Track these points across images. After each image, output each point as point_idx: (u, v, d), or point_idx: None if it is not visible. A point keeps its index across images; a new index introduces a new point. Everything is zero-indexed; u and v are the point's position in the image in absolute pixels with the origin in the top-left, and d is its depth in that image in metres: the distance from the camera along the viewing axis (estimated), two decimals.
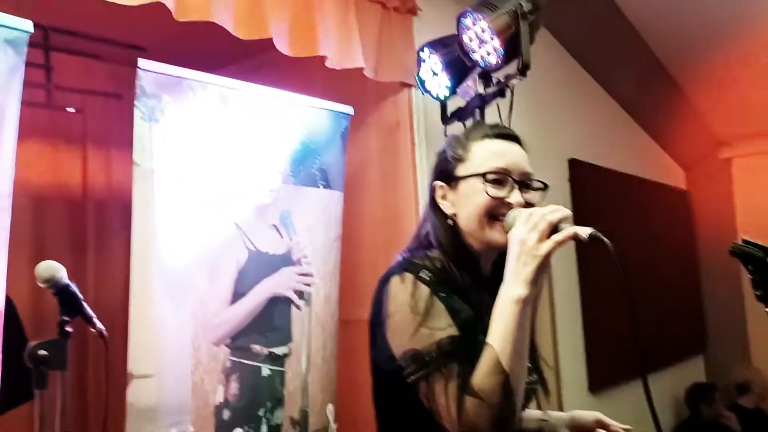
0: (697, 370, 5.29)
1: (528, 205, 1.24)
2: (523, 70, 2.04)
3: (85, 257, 2.88)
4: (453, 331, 1.12)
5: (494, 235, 1.23)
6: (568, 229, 1.12)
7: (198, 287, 2.07)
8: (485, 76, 2.21)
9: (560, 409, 3.47)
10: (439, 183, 1.31)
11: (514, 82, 2.14)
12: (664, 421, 4.66)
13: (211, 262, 2.11)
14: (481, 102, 2.22)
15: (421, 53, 2.44)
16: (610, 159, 4.45)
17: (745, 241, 0.98)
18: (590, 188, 4.13)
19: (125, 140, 2.85)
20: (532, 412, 1.42)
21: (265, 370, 2.24)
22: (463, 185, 1.26)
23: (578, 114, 4.26)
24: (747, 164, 5.61)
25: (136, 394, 1.89)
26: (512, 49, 2.04)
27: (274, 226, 2.30)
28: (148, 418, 1.92)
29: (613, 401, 3.92)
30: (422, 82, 2.45)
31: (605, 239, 1.08)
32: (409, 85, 2.59)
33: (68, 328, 1.25)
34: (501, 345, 1.08)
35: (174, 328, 2.00)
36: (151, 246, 1.97)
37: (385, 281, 1.22)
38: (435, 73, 2.39)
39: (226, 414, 2.12)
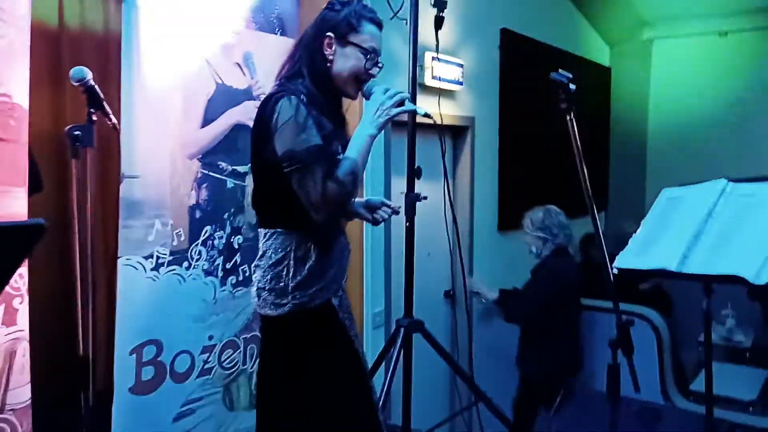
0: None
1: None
2: None
3: (63, 88, 3.22)
4: (319, 140, 1.63)
5: (351, 90, 1.80)
6: (411, 106, 1.76)
7: (175, 110, 2.51)
8: None
9: (471, 245, 4.15)
10: (330, 34, 1.78)
11: None
12: None
13: (186, 90, 2.54)
14: None
15: None
16: (541, 32, 4.89)
17: (559, 72, 1.50)
18: (519, 58, 4.60)
19: None
20: None
21: (230, 183, 2.75)
22: (348, 48, 1.77)
23: None
24: (666, 46, 6.16)
25: (128, 190, 2.38)
26: None
27: (238, 64, 2.72)
28: (137, 210, 2.43)
29: (518, 240, 4.64)
30: None
31: (431, 116, 1.80)
32: None
33: (94, 118, 1.70)
34: (357, 157, 1.68)
35: (156, 141, 2.47)
36: (136, 72, 2.38)
37: (275, 101, 1.67)
38: None
39: (198, 214, 2.64)
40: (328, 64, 1.77)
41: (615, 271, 2.01)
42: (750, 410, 3.80)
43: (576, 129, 1.55)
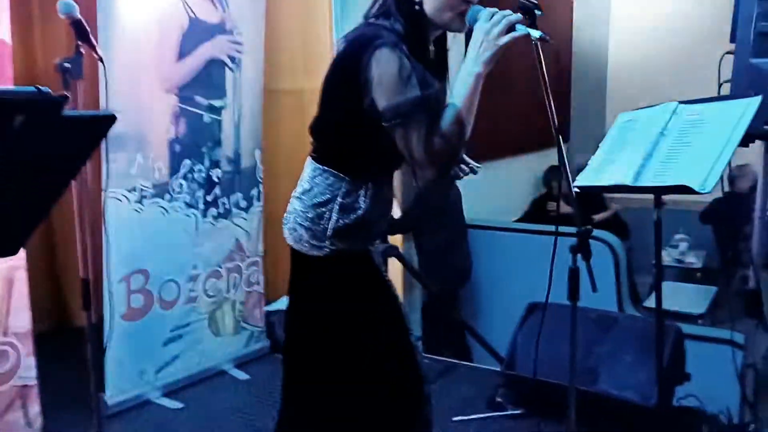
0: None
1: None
2: None
3: (32, 31, 3.20)
4: (420, 92, 1.43)
5: (455, 24, 1.52)
6: (523, 29, 1.43)
7: (151, 43, 2.56)
8: None
9: None
10: None
11: None
12: (526, 195, 5.70)
13: (161, 25, 2.58)
14: None
15: None
16: None
17: None
18: None
19: None
20: None
21: (206, 117, 2.82)
22: None
23: None
24: None
25: None
26: None
27: None
28: (119, 145, 2.50)
29: (488, 171, 4.80)
30: None
31: (549, 40, 1.48)
32: None
33: (81, 50, 1.76)
34: (462, 104, 1.43)
35: (135, 75, 2.52)
36: (112, 8, 2.41)
37: (375, 48, 1.44)
38: None
39: (177, 148, 2.72)
40: (418, 8, 1.54)
41: (577, 189, 2.17)
42: (698, 323, 4.11)
43: (542, 58, 1.65)
